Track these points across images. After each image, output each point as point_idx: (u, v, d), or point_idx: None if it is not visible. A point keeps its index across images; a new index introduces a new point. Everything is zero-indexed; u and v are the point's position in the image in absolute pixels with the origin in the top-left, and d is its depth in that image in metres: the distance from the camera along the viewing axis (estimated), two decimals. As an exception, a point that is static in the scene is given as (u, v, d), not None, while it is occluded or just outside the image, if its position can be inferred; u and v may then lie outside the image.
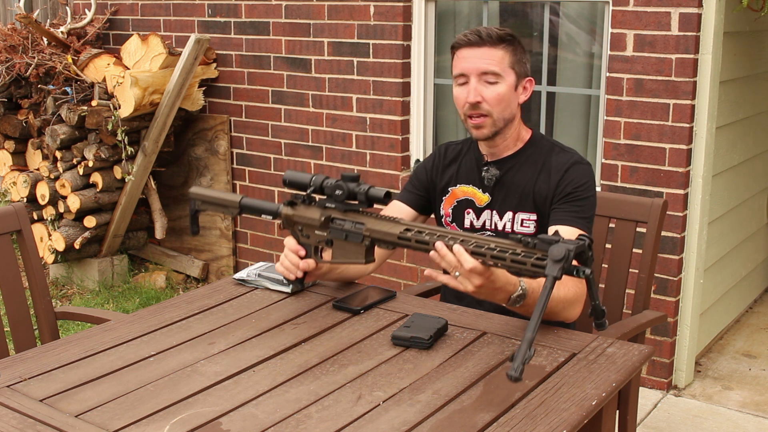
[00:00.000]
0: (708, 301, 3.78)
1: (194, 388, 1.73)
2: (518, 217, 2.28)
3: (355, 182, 1.95)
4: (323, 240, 2.01)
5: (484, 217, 2.32)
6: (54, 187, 4.59)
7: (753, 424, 3.32)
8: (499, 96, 2.21)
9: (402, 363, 1.84)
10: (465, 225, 2.34)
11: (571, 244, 1.64)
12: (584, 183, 2.24)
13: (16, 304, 2.42)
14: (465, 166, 2.38)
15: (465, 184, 2.36)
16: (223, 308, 2.19)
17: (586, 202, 2.23)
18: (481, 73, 2.20)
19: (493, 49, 2.21)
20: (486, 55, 2.20)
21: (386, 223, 1.91)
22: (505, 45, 2.22)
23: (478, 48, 2.21)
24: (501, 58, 2.21)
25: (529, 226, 2.27)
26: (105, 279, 4.81)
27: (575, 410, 1.61)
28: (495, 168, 2.30)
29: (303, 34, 4.34)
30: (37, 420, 1.60)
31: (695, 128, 3.35)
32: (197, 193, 2.21)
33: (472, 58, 2.21)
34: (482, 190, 2.33)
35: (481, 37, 2.20)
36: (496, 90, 2.21)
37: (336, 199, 1.98)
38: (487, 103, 2.21)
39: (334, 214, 2.00)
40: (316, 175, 2.01)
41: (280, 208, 2.08)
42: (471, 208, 2.34)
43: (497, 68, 2.20)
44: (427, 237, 1.83)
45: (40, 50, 4.67)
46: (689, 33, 3.26)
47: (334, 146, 4.35)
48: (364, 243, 1.94)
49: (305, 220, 2.04)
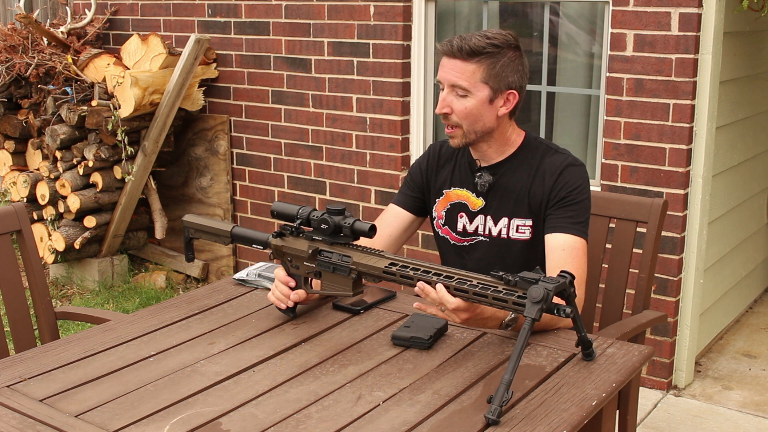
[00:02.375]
0: (708, 301, 3.78)
1: (194, 388, 1.73)
2: (513, 223, 2.26)
3: (340, 215, 1.96)
4: (312, 271, 2.03)
5: (477, 222, 2.30)
6: (54, 187, 4.59)
7: (753, 424, 3.32)
8: (466, 110, 2.17)
9: (402, 363, 1.84)
10: (458, 229, 2.33)
11: (550, 284, 1.64)
12: (578, 186, 2.22)
13: (16, 304, 2.42)
14: (459, 169, 2.36)
15: (459, 188, 2.34)
16: (223, 308, 2.19)
17: (580, 206, 2.21)
18: (450, 85, 2.18)
19: (465, 63, 2.15)
20: (456, 68, 2.16)
21: (372, 257, 1.92)
22: (479, 59, 2.15)
23: (451, 59, 2.17)
24: (472, 72, 2.15)
25: (525, 232, 2.25)
26: (105, 279, 4.81)
27: (575, 410, 1.61)
28: (488, 174, 2.28)
29: (303, 34, 4.34)
30: (37, 420, 1.60)
31: (695, 128, 3.35)
32: (190, 222, 2.22)
33: (446, 68, 2.19)
34: (476, 195, 2.31)
35: (453, 49, 2.16)
36: (464, 104, 2.17)
37: (322, 233, 1.99)
38: (456, 115, 2.19)
39: (321, 246, 2.00)
40: (303, 207, 2.02)
41: (270, 238, 2.09)
42: (464, 211, 2.32)
43: (465, 83, 2.16)
44: (411, 272, 1.83)
45: (40, 50, 4.67)
46: (689, 33, 3.26)
47: (334, 146, 4.35)
48: (351, 275, 1.95)
49: (294, 251, 2.05)
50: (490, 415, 1.54)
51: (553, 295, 1.64)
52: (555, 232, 2.18)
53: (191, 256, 2.24)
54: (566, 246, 2.16)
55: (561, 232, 2.17)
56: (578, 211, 2.20)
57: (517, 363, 1.57)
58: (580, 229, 2.19)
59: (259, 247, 2.10)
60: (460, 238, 2.33)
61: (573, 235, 2.16)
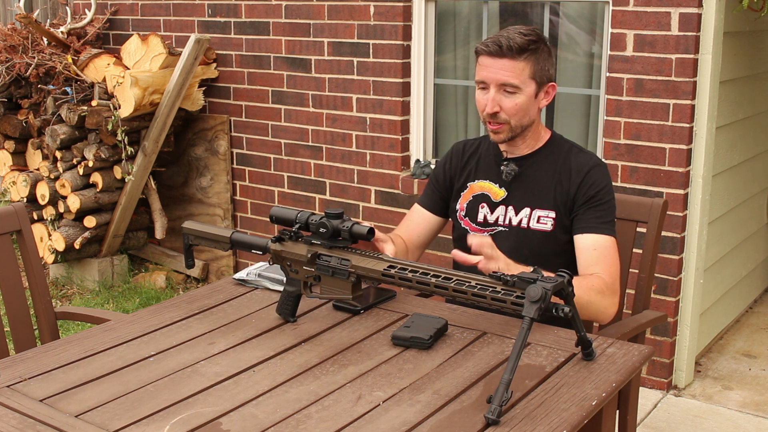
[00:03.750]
0: (708, 301, 3.78)
1: (194, 389, 1.73)
2: (535, 214, 2.29)
3: (339, 219, 1.97)
4: (311, 275, 2.03)
5: (498, 213, 2.33)
6: (54, 187, 4.59)
7: (753, 424, 3.32)
8: (517, 106, 2.22)
9: (402, 363, 1.84)
10: (478, 219, 2.35)
11: (548, 283, 1.64)
12: (605, 186, 2.27)
13: (16, 304, 2.42)
14: (483, 161, 2.39)
15: (483, 180, 2.37)
16: (223, 308, 2.19)
17: (607, 206, 2.26)
18: (500, 84, 2.20)
19: (513, 61, 2.19)
20: (505, 67, 2.19)
21: (371, 260, 1.93)
22: (527, 56, 2.19)
23: (499, 59, 2.19)
24: (521, 69, 2.20)
25: (546, 223, 2.28)
26: (105, 279, 4.81)
27: (575, 410, 1.61)
28: (514, 164, 2.32)
29: (303, 34, 4.34)
30: (37, 420, 1.60)
31: (695, 128, 3.35)
32: (190, 229, 2.23)
33: (492, 68, 2.20)
34: (499, 185, 2.34)
35: (502, 48, 2.18)
36: (515, 101, 2.22)
37: (321, 237, 1.99)
38: (505, 113, 2.22)
39: (320, 250, 2.01)
40: (302, 212, 2.03)
41: (269, 243, 2.09)
42: (486, 202, 2.35)
43: (516, 81, 2.20)
44: (410, 274, 1.84)
45: (40, 50, 4.67)
46: (689, 33, 3.26)
47: (334, 146, 4.35)
48: (350, 279, 1.96)
49: (293, 255, 2.05)
50: (490, 415, 1.54)
51: (551, 295, 1.64)
52: (585, 233, 2.23)
53: (191, 263, 2.24)
54: (597, 246, 2.21)
55: (591, 233, 2.22)
56: (606, 211, 2.25)
57: (516, 362, 1.57)
58: (609, 228, 2.24)
59: (259, 252, 2.11)
60: (480, 228, 2.35)
61: (603, 235, 2.22)
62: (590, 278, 2.15)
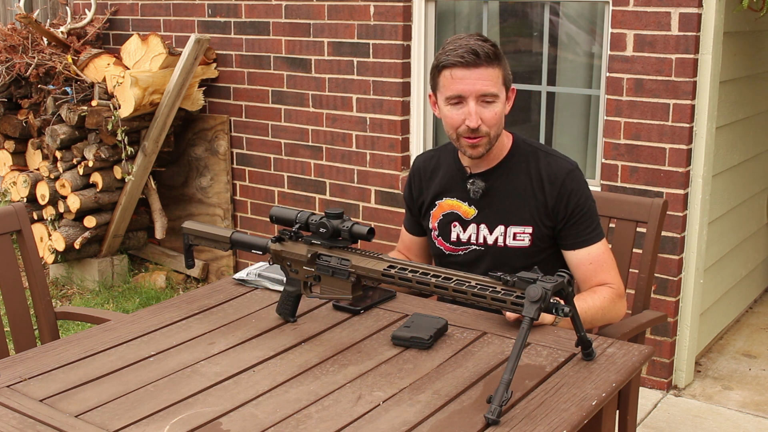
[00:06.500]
0: (708, 301, 3.78)
1: (194, 389, 1.73)
2: (511, 231, 2.25)
3: (339, 219, 1.96)
4: (311, 275, 2.03)
5: (470, 231, 2.29)
6: (54, 187, 4.59)
7: (753, 424, 3.32)
8: (496, 116, 2.16)
9: (402, 363, 1.84)
10: (451, 238, 2.33)
11: (548, 283, 1.64)
12: (583, 193, 2.23)
13: (16, 304, 2.42)
14: (447, 177, 2.34)
15: (450, 198, 2.32)
16: (223, 308, 2.19)
17: (590, 212, 2.24)
18: (480, 95, 2.13)
19: (490, 69, 2.13)
20: (483, 76, 2.12)
21: (370, 260, 1.92)
22: (498, 62, 2.15)
23: (475, 68, 2.11)
24: (497, 77, 2.14)
25: (524, 239, 2.25)
26: (105, 279, 4.81)
27: (575, 410, 1.61)
28: (480, 180, 2.26)
29: (303, 34, 4.34)
30: (37, 420, 1.60)
31: (695, 128, 3.35)
32: (190, 229, 2.23)
33: (469, 79, 2.12)
34: (468, 203, 2.29)
35: (478, 56, 2.11)
36: (494, 110, 2.15)
37: (321, 237, 1.99)
38: (485, 125, 2.15)
39: (320, 250, 2.00)
40: (301, 212, 2.02)
41: (269, 243, 2.09)
42: (457, 221, 2.31)
43: (494, 89, 2.14)
44: (410, 274, 1.83)
45: (40, 50, 4.67)
46: (689, 33, 3.26)
47: (334, 146, 4.35)
48: (350, 279, 1.95)
49: (293, 255, 2.04)
50: (490, 415, 1.54)
51: (551, 295, 1.64)
52: (577, 248, 2.22)
53: (191, 263, 2.24)
54: (593, 258, 2.21)
55: (583, 247, 2.21)
56: (590, 218, 2.24)
57: (516, 362, 1.57)
58: (598, 233, 2.23)
59: (259, 253, 2.11)
60: (453, 247, 2.33)
61: (594, 244, 2.21)
62: (599, 291, 2.15)
